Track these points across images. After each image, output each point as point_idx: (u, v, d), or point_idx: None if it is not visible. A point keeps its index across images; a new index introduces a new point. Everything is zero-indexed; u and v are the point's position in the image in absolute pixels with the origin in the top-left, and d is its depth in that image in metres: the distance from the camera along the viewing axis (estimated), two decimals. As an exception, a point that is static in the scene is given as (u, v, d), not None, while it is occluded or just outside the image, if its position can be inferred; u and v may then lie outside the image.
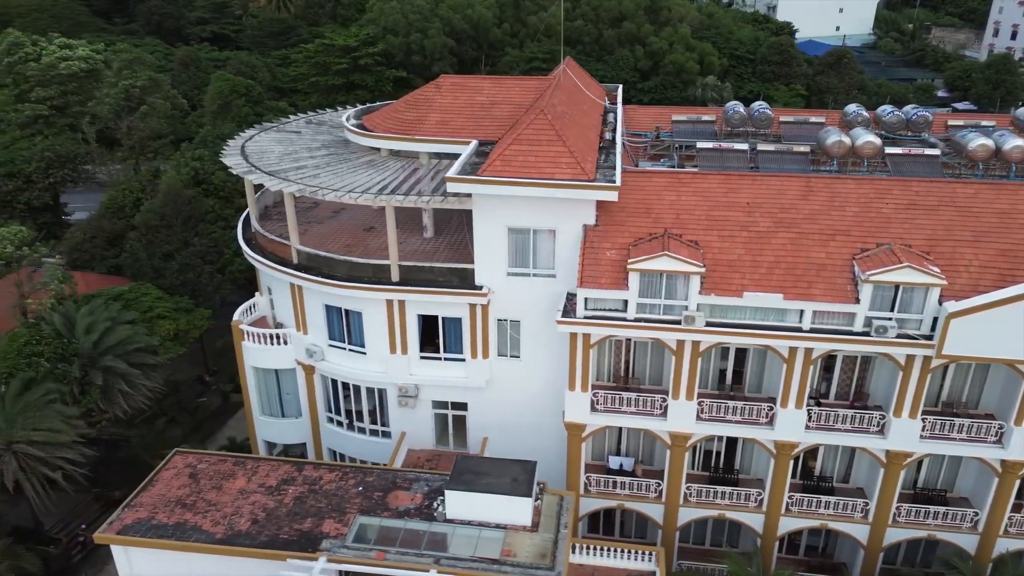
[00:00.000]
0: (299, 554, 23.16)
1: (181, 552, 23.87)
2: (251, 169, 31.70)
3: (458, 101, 34.01)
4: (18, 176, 54.75)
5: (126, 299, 41.35)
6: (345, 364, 32.13)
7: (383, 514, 24.99)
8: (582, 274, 26.68)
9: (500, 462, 25.62)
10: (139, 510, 25.14)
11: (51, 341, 36.48)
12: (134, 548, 24.11)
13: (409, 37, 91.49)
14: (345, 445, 34.18)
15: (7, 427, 33.81)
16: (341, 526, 24.50)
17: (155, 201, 46.68)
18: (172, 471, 27.10)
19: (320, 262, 30.75)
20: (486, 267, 28.96)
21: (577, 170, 26.96)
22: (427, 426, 32.50)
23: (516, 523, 24.14)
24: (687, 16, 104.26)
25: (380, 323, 30.64)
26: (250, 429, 36.14)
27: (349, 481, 26.58)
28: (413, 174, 32.20)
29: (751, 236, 26.84)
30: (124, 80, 57.71)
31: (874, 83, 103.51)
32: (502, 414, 31.47)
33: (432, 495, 25.79)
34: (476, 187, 27.04)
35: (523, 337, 30.04)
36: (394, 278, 29.82)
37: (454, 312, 30.06)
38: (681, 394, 27.70)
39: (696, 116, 37.53)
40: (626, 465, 31.17)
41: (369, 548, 23.42)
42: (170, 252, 45.37)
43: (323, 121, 40.72)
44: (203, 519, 24.77)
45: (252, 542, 23.85)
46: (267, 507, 25.30)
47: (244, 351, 33.76)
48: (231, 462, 27.65)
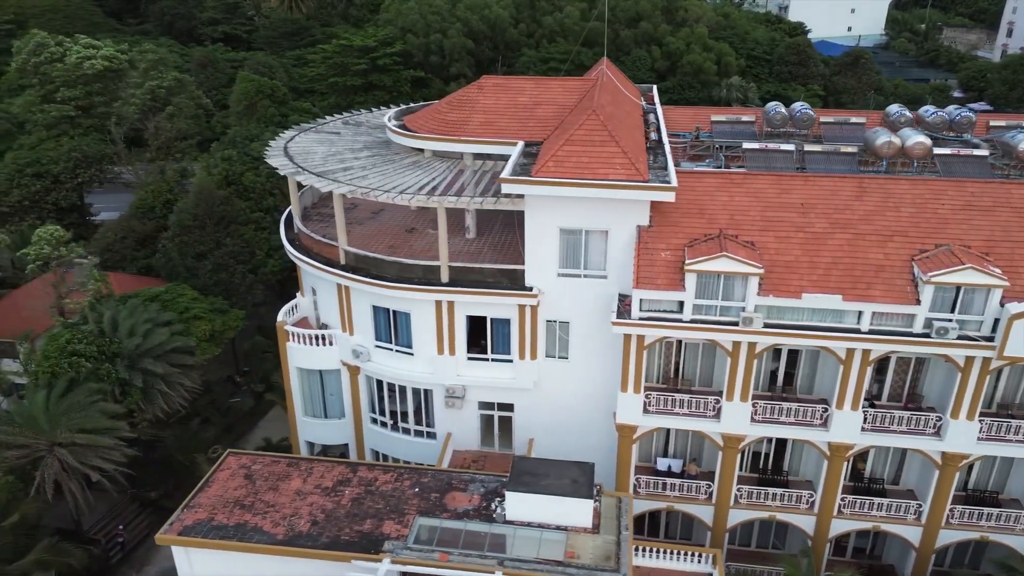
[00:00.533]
0: (363, 555, 23.13)
1: (242, 553, 23.87)
2: (299, 170, 31.69)
3: (501, 102, 33.95)
4: (45, 176, 54.81)
5: (163, 300, 41.37)
6: (392, 365, 32.10)
7: (442, 515, 24.96)
8: (638, 275, 26.63)
9: (557, 463, 25.55)
10: (198, 511, 25.15)
11: (92, 340, 36.49)
12: (195, 549, 24.09)
13: (428, 38, 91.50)
14: (388, 446, 34.15)
15: (50, 428, 33.87)
16: (401, 527, 24.47)
17: (187, 201, 46.69)
18: (227, 472, 27.09)
19: (369, 263, 30.72)
20: (536, 268, 28.92)
21: (632, 171, 26.91)
22: (473, 427, 32.47)
23: (577, 525, 24.09)
24: (703, 16, 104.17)
25: (428, 324, 30.61)
26: (292, 430, 36.12)
27: (405, 482, 26.56)
28: (459, 175, 32.19)
29: (807, 237, 26.77)
30: (150, 80, 57.71)
31: (891, 83, 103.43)
32: (549, 415, 31.44)
33: (489, 496, 25.75)
34: (530, 188, 27.01)
35: (572, 338, 29.99)
36: (444, 279, 29.79)
37: (503, 313, 30.02)
38: (735, 396, 27.64)
39: (735, 117, 37.47)
40: (674, 467, 31.11)
41: (432, 549, 23.39)
42: (203, 252, 45.38)
43: (361, 122, 40.69)
44: (263, 520, 24.77)
45: (314, 543, 23.83)
46: (325, 508, 25.28)
47: (288, 352, 33.76)
48: (284, 463, 27.64)
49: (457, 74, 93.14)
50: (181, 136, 58.34)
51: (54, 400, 34.15)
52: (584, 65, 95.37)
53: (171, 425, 43.47)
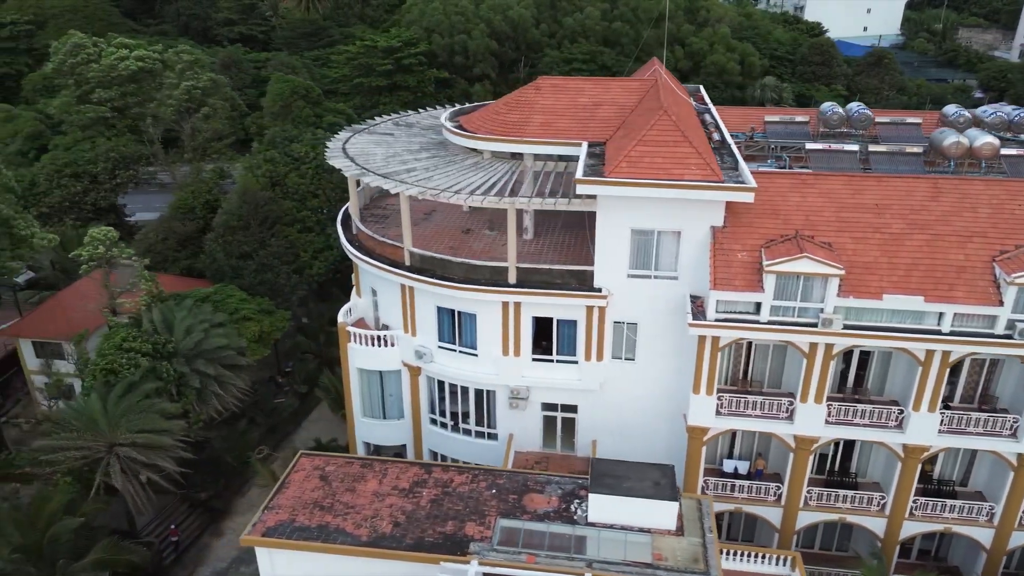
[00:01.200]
0: (451, 557, 23.08)
1: (326, 554, 23.84)
2: (363, 171, 31.66)
3: (560, 102, 33.86)
4: (83, 177, 54.90)
5: (213, 301, 41.39)
6: (454, 366, 32.06)
7: (522, 517, 24.91)
8: (715, 276, 26.54)
9: (636, 465, 25.49)
10: (279, 512, 25.10)
11: (148, 339, 36.49)
12: (278, 550, 24.06)
13: (453, 38, 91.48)
14: (448, 447, 34.11)
15: (110, 429, 33.89)
16: (483, 529, 24.42)
17: (231, 202, 46.71)
18: (302, 473, 27.04)
19: (435, 264, 30.69)
20: (606, 269, 28.84)
21: (707, 171, 26.83)
22: (535, 428, 32.42)
23: (660, 527, 24.03)
24: (725, 17, 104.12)
25: (494, 325, 30.56)
26: (349, 431, 36.10)
27: (480, 483, 26.50)
28: (520, 176, 32.13)
29: (885, 238, 26.67)
30: (186, 81, 57.77)
31: (913, 83, 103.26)
32: (613, 417, 31.37)
33: (567, 498, 25.69)
34: (606, 189, 26.94)
35: (639, 339, 29.91)
36: (511, 280, 29.74)
37: (570, 314, 29.96)
38: (810, 397, 27.54)
39: (789, 117, 37.41)
40: (740, 468, 31.02)
41: (518, 551, 23.32)
42: (247, 253, 45.38)
43: (412, 123, 40.66)
44: (344, 521, 24.73)
45: (398, 544, 23.78)
46: (405, 509, 25.24)
47: (349, 353, 33.73)
48: (358, 464, 27.60)
49: (481, 75, 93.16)
50: (216, 137, 58.39)
51: (113, 401, 34.18)
52: (607, 66, 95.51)
53: (216, 426, 43.56)
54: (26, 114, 60.58)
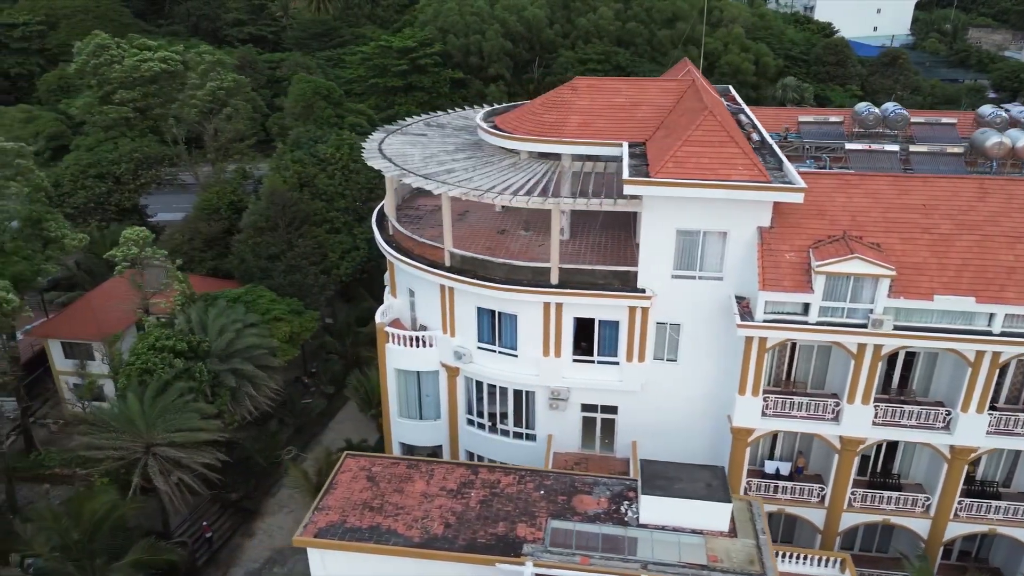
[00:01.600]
0: (506, 559, 23.04)
1: (378, 555, 23.81)
2: (404, 172, 31.63)
3: (597, 103, 33.80)
4: (107, 177, 54.93)
5: (244, 301, 41.40)
6: (494, 366, 32.01)
7: (573, 518, 24.86)
8: (763, 277, 26.49)
9: (686, 467, 25.45)
10: (329, 513, 25.07)
11: (182, 338, 36.49)
12: (330, 551, 24.03)
13: (468, 38, 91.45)
14: (485, 447, 34.06)
15: (147, 429, 33.90)
16: (534, 530, 24.37)
17: (260, 203, 46.72)
18: (348, 474, 27.00)
19: (476, 265, 30.64)
20: (650, 269, 28.79)
21: (754, 171, 26.78)
22: (574, 429, 32.36)
23: (713, 528, 23.97)
24: (739, 17, 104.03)
25: (535, 325, 30.52)
26: (385, 431, 36.06)
27: (528, 485, 26.46)
28: (559, 176, 32.09)
29: (934, 238, 26.61)
30: (210, 82, 57.78)
31: (927, 84, 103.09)
32: (653, 418, 31.28)
33: (616, 499, 25.64)
34: (654, 189, 26.89)
35: (682, 340, 29.86)
36: (553, 281, 29.69)
37: (612, 315, 29.91)
38: (857, 398, 27.47)
39: (823, 117, 37.31)
40: (782, 469, 30.96)
41: (572, 552, 23.28)
42: (275, 254, 45.39)
43: (443, 124, 40.62)
44: (395, 522, 24.69)
45: (451, 546, 23.75)
46: (455, 510, 25.20)
47: (387, 353, 33.69)
48: (404, 465, 27.57)
49: (496, 75, 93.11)
50: (238, 137, 58.41)
51: (149, 401, 34.18)
52: (621, 66, 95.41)
53: (246, 427, 43.60)
54: (46, 115, 60.63)
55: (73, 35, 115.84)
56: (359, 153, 50.58)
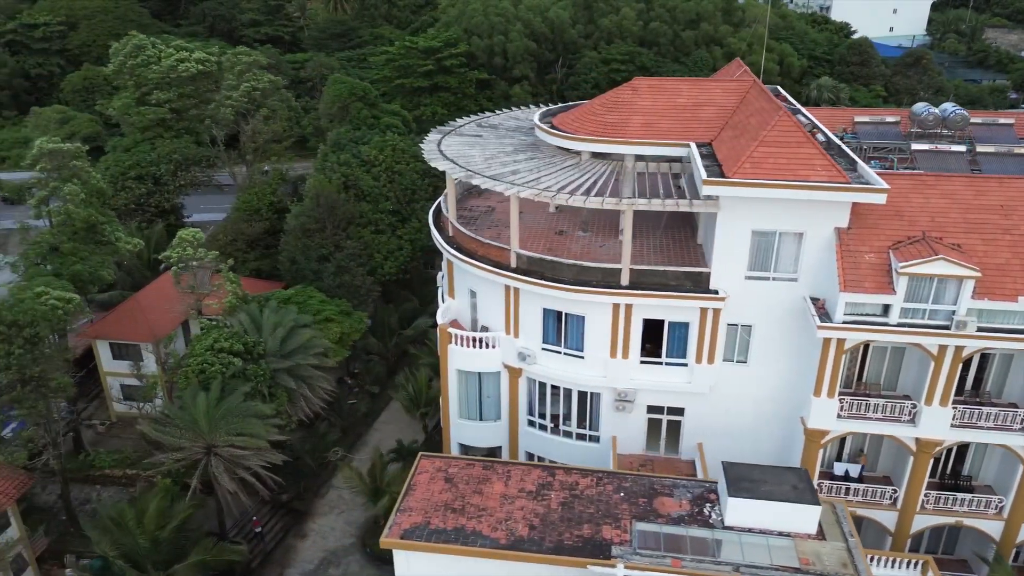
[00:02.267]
0: (596, 561, 22.94)
1: (465, 557, 23.72)
2: (471, 174, 31.59)
3: (659, 103, 33.74)
4: (147, 179, 54.95)
5: (295, 302, 41.36)
6: (559, 368, 31.94)
7: (657, 520, 24.75)
8: (844, 278, 26.37)
9: (770, 469, 25.30)
10: (412, 514, 24.98)
11: (239, 339, 36.46)
12: (416, 552, 23.95)
13: (492, 39, 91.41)
14: (546, 448, 33.99)
15: (209, 431, 33.87)
16: (620, 532, 24.25)
17: (307, 204, 46.69)
18: (426, 475, 26.90)
19: (544, 266, 30.57)
20: (723, 270, 28.70)
21: (833, 172, 26.68)
22: (639, 431, 32.28)
23: (801, 531, 23.81)
24: (761, 17, 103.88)
25: (603, 327, 30.44)
26: (444, 432, 35.98)
27: (607, 487, 26.34)
28: (622, 176, 32.02)
29: (1015, 239, 26.48)
30: (246, 83, 57.78)
31: (951, 84, 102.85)
32: (721, 419, 31.18)
33: (698, 501, 25.51)
34: (734, 190, 26.79)
35: (753, 341, 29.76)
36: (624, 282, 29.61)
37: (682, 316, 29.82)
38: (935, 400, 27.35)
39: (880, 117, 37.24)
40: (852, 471, 30.83)
41: (662, 555, 23.16)
42: (324, 255, 45.36)
43: (495, 125, 40.53)
44: (478, 523, 24.58)
45: (539, 548, 23.64)
46: (537, 512, 25.08)
47: (449, 354, 33.62)
48: (480, 466, 27.44)
49: (520, 76, 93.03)
50: (276, 139, 58.41)
51: (211, 403, 34.15)
52: (645, 67, 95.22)
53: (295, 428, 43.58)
54: (82, 116, 60.67)
55: (93, 36, 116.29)
56: (402, 154, 50.81)
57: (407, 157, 50.07)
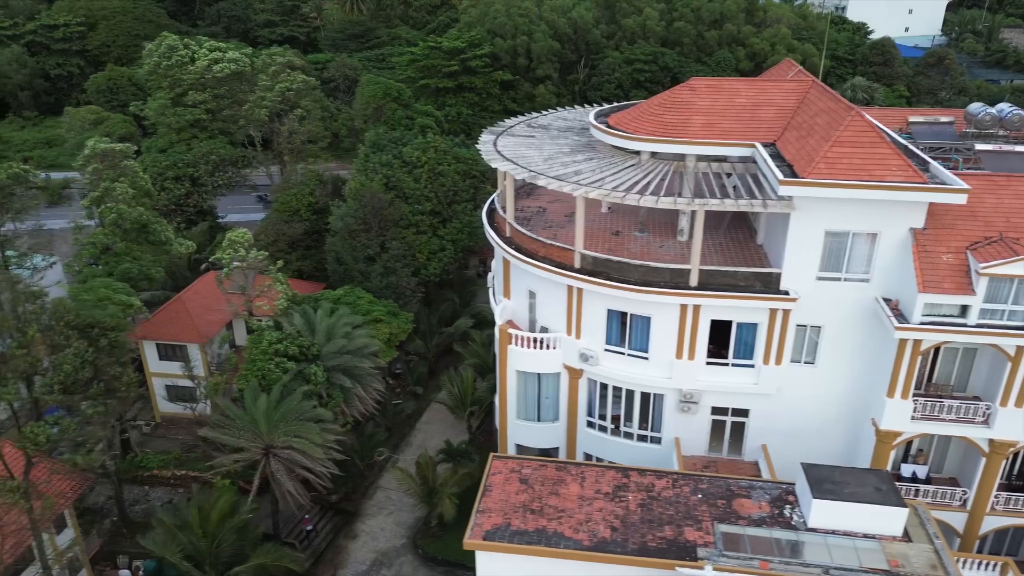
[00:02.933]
0: (683, 563, 22.84)
1: (548, 558, 23.64)
2: (535, 175, 31.51)
3: (718, 103, 33.61)
4: (185, 179, 54.97)
5: (344, 302, 41.32)
6: (621, 369, 31.85)
7: (738, 522, 24.65)
8: (922, 279, 26.24)
9: (850, 471, 25.21)
10: (491, 516, 24.89)
11: (293, 342, 36.42)
12: (500, 554, 23.87)
13: (516, 40, 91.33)
14: (605, 450, 33.88)
15: (268, 432, 33.82)
16: (702, 534, 24.13)
17: (350, 205, 46.63)
18: (500, 476, 26.81)
19: (610, 267, 30.48)
20: (795, 271, 28.58)
21: (910, 172, 26.56)
22: (702, 432, 32.17)
23: (886, 533, 23.70)
24: (783, 18, 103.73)
25: (669, 328, 30.34)
26: (501, 432, 35.89)
27: (684, 488, 26.24)
28: (684, 176, 31.93)
29: (1095, 240, 26.36)
30: (281, 83, 57.78)
31: (973, 85, 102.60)
32: (786, 421, 31.05)
33: (778, 503, 25.38)
34: (811, 190, 26.68)
35: (822, 342, 29.65)
36: (692, 283, 29.51)
37: (750, 317, 29.70)
38: (1010, 401, 27.21)
39: (934, 118, 37.02)
40: (919, 473, 30.67)
41: (749, 557, 23.06)
42: (370, 256, 45.31)
43: (545, 125, 40.45)
44: (559, 525, 24.48)
45: (623, 549, 23.55)
46: (616, 514, 24.98)
47: (508, 355, 33.54)
48: (552, 467, 27.35)
49: (544, 76, 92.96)
50: (311, 139, 58.40)
51: (270, 404, 34.11)
52: (668, 67, 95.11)
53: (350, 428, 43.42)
54: (116, 116, 60.75)
55: (112, 36, 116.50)
56: (444, 155, 50.73)
57: (448, 158, 50.00)
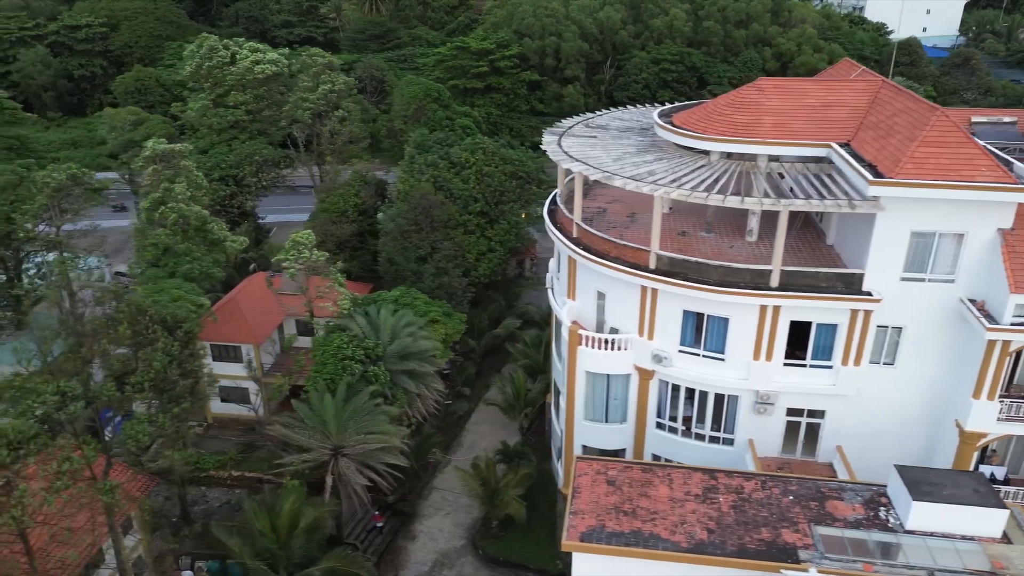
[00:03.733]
0: (787, 565, 22.75)
1: (646, 560, 23.55)
2: (611, 175, 31.42)
3: (787, 104, 33.46)
4: (229, 180, 54.95)
5: (402, 303, 41.26)
6: (696, 370, 31.74)
7: (834, 524, 24.54)
8: (1013, 279, 26.11)
9: (943, 472, 25.17)
10: (585, 517, 24.82)
11: (359, 344, 36.39)
12: (598, 555, 23.79)
13: (544, 40, 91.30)
14: (675, 451, 33.74)
15: (337, 433, 33.79)
16: (800, 536, 24.03)
17: (400, 205, 46.60)
18: (587, 478, 26.75)
19: (688, 267, 30.38)
20: (878, 272, 28.46)
21: (999, 172, 26.43)
22: (776, 433, 32.02)
23: (985, 535, 23.58)
24: (808, 18, 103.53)
25: (748, 329, 30.23)
26: (567, 433, 35.79)
27: (773, 490, 26.14)
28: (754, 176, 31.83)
29: None
30: (323, 84, 57.77)
31: (999, 84, 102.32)
32: (863, 422, 30.91)
33: (871, 505, 25.28)
34: (900, 191, 26.56)
35: (903, 343, 29.52)
36: (774, 284, 29.40)
37: (831, 318, 29.58)
38: (1101, 402, 27.11)
39: (997, 118, 36.91)
40: (997, 474, 30.50)
41: (852, 559, 22.96)
42: (422, 257, 45.27)
43: (603, 125, 40.35)
44: (654, 527, 24.41)
45: (722, 551, 23.47)
46: (710, 516, 24.90)
47: (578, 356, 33.46)
48: (638, 469, 27.31)
49: (572, 77, 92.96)
50: (352, 140, 58.40)
51: (339, 405, 34.09)
52: (695, 67, 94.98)
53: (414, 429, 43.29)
54: (156, 117, 60.78)
55: (135, 36, 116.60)
56: (491, 156, 50.68)
57: (496, 159, 49.94)
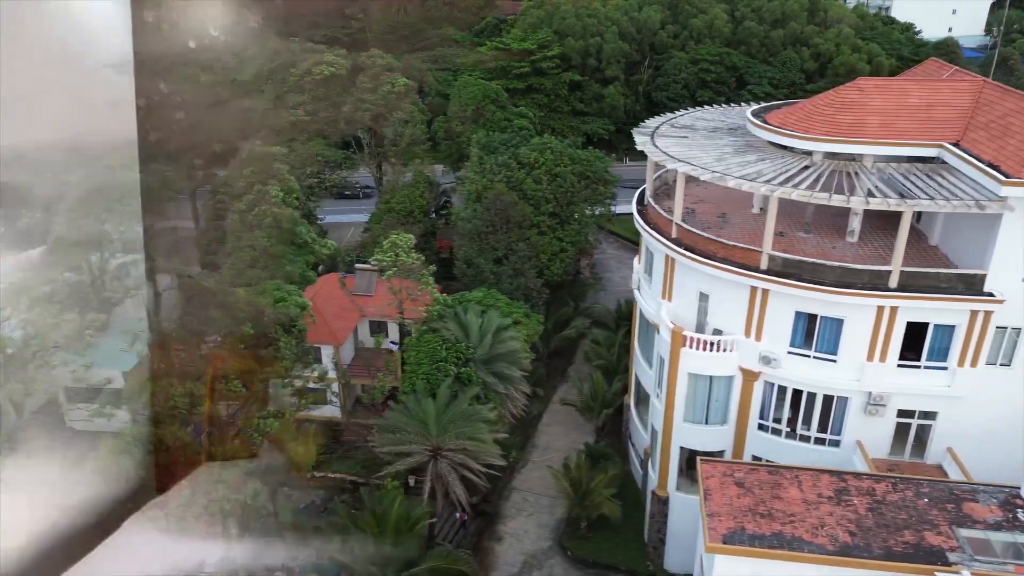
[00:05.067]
0: (939, 567, 22.61)
1: (791, 562, 23.44)
2: (722, 176, 31.31)
3: (890, 103, 33.32)
4: (291, 182, 55.00)
5: (485, 304, 41.20)
6: (805, 371, 31.58)
7: (975, 526, 24.39)
8: None
9: (1082, 474, 24.99)
10: (722, 520, 24.73)
11: (451, 346, 36.36)
12: (742, 558, 23.68)
13: (586, 41, 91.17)
14: (777, 453, 33.50)
15: (438, 435, 33.75)
16: (943, 539, 23.90)
17: (471, 207, 46.56)
18: (714, 480, 26.66)
19: (802, 268, 30.25)
20: (1001, 272, 28.29)
21: None
22: (886, 435, 31.83)
23: None
24: (844, 17, 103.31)
25: (863, 330, 30.08)
26: (665, 434, 35.59)
27: (906, 492, 26.02)
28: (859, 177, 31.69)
29: None
30: (383, 85, 57.77)
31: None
32: (976, 424, 30.66)
33: (1007, 507, 25.13)
34: (1034, 191, 26.45)
35: (1021, 344, 29.35)
36: (892, 284, 29.25)
37: (949, 319, 29.42)
38: None
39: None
40: (1114, 477, 30.33)
41: (1003, 561, 22.83)
42: (499, 258, 45.22)
43: (689, 124, 40.25)
44: (795, 529, 24.31)
45: (869, 554, 23.34)
46: (848, 518, 24.78)
47: (681, 357, 33.33)
48: (764, 471, 27.23)
49: (612, 77, 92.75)
50: (415, 141, 58.42)
51: (440, 408, 34.04)
52: (735, 67, 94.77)
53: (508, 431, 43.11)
54: (213, 118, 60.78)
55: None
56: (560, 156, 50.62)
57: (564, 159, 49.86)
